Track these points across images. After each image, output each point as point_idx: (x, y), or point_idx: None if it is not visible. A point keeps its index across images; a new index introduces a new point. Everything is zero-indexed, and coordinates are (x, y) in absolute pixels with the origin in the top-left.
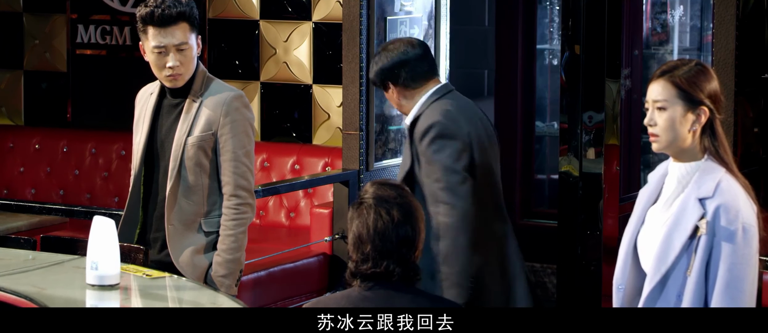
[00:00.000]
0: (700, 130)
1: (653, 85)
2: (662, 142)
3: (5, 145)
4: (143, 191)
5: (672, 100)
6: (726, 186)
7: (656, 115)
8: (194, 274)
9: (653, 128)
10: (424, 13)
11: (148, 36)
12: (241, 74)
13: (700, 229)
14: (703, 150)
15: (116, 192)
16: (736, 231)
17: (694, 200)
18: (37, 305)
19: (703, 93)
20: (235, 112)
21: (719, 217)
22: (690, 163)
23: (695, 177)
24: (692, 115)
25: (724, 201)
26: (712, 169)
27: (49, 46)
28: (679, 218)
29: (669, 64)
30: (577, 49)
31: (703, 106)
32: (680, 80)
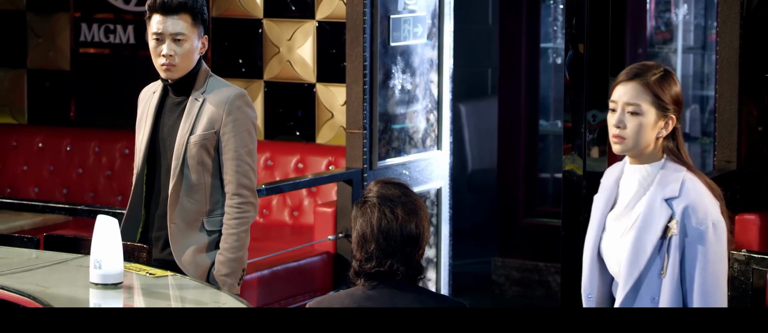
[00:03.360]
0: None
1: (625, 86)
2: (628, 146)
3: (8, 144)
4: (146, 190)
5: (646, 105)
6: (691, 185)
7: (627, 118)
8: (197, 273)
9: (621, 130)
10: (428, 12)
11: (151, 23)
12: (245, 73)
13: (671, 229)
14: (663, 151)
15: (119, 191)
16: (707, 229)
17: (661, 201)
18: (40, 304)
19: (671, 99)
20: (237, 111)
21: (689, 217)
22: (650, 164)
23: (658, 178)
24: (662, 122)
25: (691, 200)
26: (674, 169)
27: (52, 45)
28: (648, 220)
29: (638, 67)
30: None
31: (671, 113)
32: (655, 86)
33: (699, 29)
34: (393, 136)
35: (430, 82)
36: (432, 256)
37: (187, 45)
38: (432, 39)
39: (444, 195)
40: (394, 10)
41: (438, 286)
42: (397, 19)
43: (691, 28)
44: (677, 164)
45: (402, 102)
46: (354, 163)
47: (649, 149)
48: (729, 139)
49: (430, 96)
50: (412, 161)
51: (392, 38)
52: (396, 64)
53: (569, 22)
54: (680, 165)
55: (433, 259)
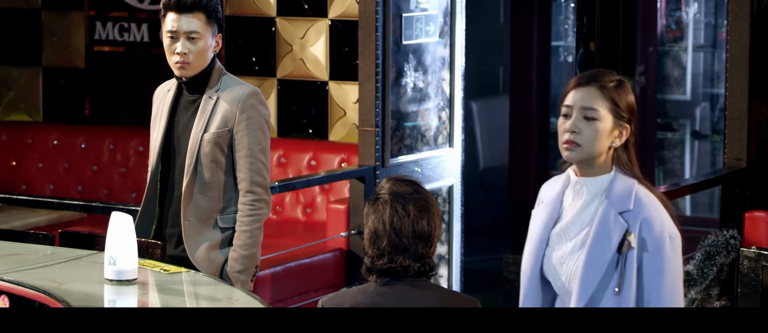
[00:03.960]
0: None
1: (581, 91)
2: (583, 153)
3: (24, 141)
4: (160, 187)
5: (604, 112)
6: (645, 198)
7: (583, 124)
8: (210, 270)
9: (576, 136)
10: (440, 11)
11: (165, 21)
12: (258, 71)
13: (629, 243)
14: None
15: (134, 188)
16: (664, 242)
17: (615, 215)
18: (55, 300)
19: (627, 108)
20: (250, 109)
21: (644, 231)
22: (600, 176)
23: (608, 191)
24: (616, 131)
25: (648, 213)
26: (625, 182)
27: (67, 43)
28: (601, 235)
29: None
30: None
31: (625, 123)
32: (613, 93)
33: (709, 28)
34: (405, 133)
35: (442, 80)
36: (444, 253)
37: (201, 43)
38: (444, 37)
39: (456, 192)
40: (406, 9)
41: (450, 282)
42: (409, 18)
43: (702, 26)
44: (627, 176)
45: (414, 100)
46: (366, 161)
47: (600, 159)
48: (739, 136)
49: (442, 94)
50: (424, 159)
51: (404, 37)
52: (408, 62)
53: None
54: (630, 177)
55: (444, 256)
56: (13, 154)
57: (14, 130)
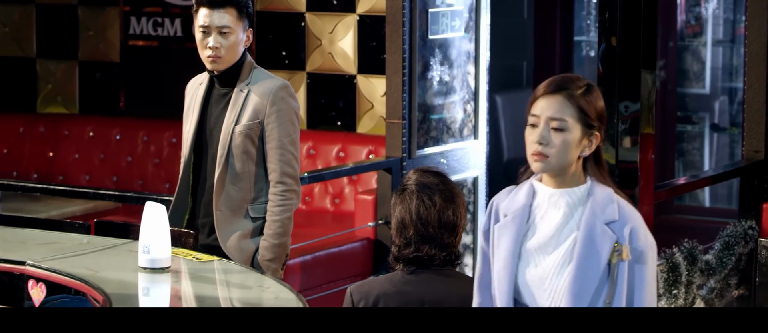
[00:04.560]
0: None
1: (548, 100)
2: (552, 164)
3: (61, 133)
4: (192, 178)
5: (572, 121)
6: (627, 207)
7: (552, 135)
8: (241, 258)
9: (545, 148)
10: (465, 6)
11: (198, 16)
12: (288, 65)
13: (621, 254)
14: (586, 173)
15: (167, 178)
16: (647, 252)
17: (602, 226)
18: (91, 288)
19: (597, 115)
20: (281, 102)
21: (634, 241)
22: (577, 187)
23: (590, 202)
24: (586, 140)
25: (635, 223)
26: (604, 191)
27: (102, 38)
28: (589, 249)
29: (561, 80)
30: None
31: (595, 131)
32: (581, 101)
33: (728, 23)
34: (431, 126)
35: (467, 74)
36: (469, 243)
37: (233, 38)
38: (469, 32)
39: (480, 183)
40: (432, 4)
41: (474, 271)
42: (435, 13)
43: (721, 22)
44: (604, 186)
45: (440, 93)
46: (393, 153)
47: (572, 168)
48: (757, 129)
49: (467, 87)
50: (449, 150)
51: (430, 31)
52: (434, 56)
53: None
54: (606, 185)
55: (469, 246)
56: (50, 145)
57: (51, 122)
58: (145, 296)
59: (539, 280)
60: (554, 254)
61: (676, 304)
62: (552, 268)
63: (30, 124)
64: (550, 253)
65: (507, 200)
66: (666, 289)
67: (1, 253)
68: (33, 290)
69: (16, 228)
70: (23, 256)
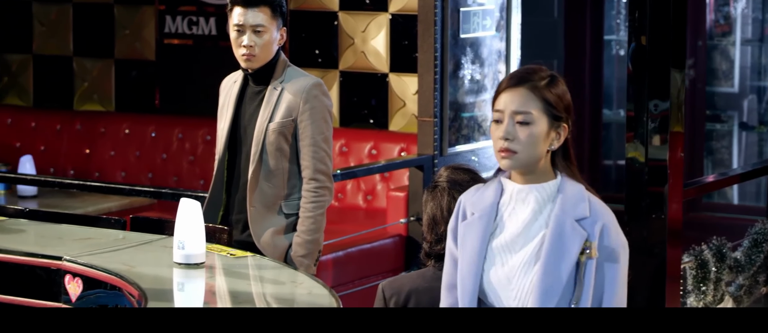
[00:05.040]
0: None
1: (511, 93)
2: (521, 160)
3: (97, 130)
4: (227, 175)
5: (537, 113)
6: (598, 204)
7: (517, 129)
8: (275, 254)
9: (511, 143)
10: (496, 5)
11: (232, 15)
12: (321, 63)
13: (590, 252)
14: (555, 168)
15: (202, 175)
16: (618, 250)
17: (572, 223)
18: (127, 283)
19: (563, 106)
20: (314, 100)
21: (605, 239)
22: (547, 182)
23: (560, 198)
24: (553, 133)
25: (606, 220)
26: (574, 187)
27: (138, 36)
28: (558, 246)
29: (523, 72)
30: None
31: (563, 122)
32: (545, 92)
33: (756, 22)
34: (462, 124)
35: (498, 73)
36: None
37: (267, 36)
38: (500, 31)
39: None
40: (464, 4)
41: None
42: (466, 12)
43: (749, 21)
44: (574, 181)
45: (471, 91)
46: (425, 150)
47: (541, 163)
48: None
49: None
50: (480, 148)
51: (462, 30)
52: (465, 55)
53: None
54: (576, 182)
55: None
56: (86, 142)
57: (88, 119)
58: (179, 292)
59: (506, 279)
60: (521, 252)
61: (704, 301)
62: (519, 267)
63: (67, 121)
64: (517, 252)
65: (472, 197)
66: (694, 286)
67: (39, 248)
68: (70, 285)
69: (53, 224)
70: (60, 251)
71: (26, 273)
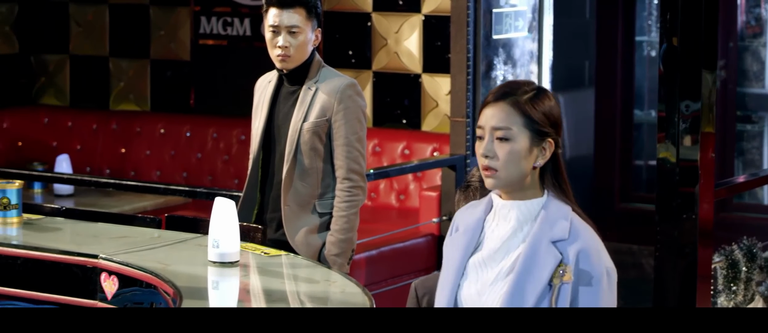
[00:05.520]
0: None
1: (493, 108)
2: (502, 178)
3: (133, 130)
4: (261, 174)
5: (518, 129)
6: (581, 226)
7: (496, 146)
8: (308, 253)
9: (491, 161)
10: (529, 7)
11: (268, 16)
12: (354, 64)
13: (564, 275)
14: (543, 186)
15: (236, 174)
16: (602, 276)
17: (547, 244)
18: (162, 281)
19: (548, 121)
20: (348, 100)
21: (582, 263)
22: (531, 200)
23: (541, 216)
24: (537, 149)
25: (585, 244)
26: (559, 208)
27: (173, 37)
28: (529, 265)
29: (507, 86)
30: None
31: (549, 137)
32: (526, 105)
33: None
34: None
35: (530, 73)
36: None
37: (302, 37)
38: (532, 32)
39: None
40: (496, 5)
41: None
42: (499, 14)
43: None
44: (561, 202)
45: None
46: (457, 150)
47: (526, 182)
48: None
49: None
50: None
51: (494, 31)
52: (498, 56)
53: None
54: (565, 202)
55: None
56: (122, 141)
57: (124, 119)
58: (214, 290)
59: (476, 294)
60: (496, 268)
61: (735, 301)
62: (490, 283)
63: (103, 121)
64: (492, 268)
65: (463, 213)
66: (725, 286)
67: (75, 246)
68: (105, 283)
69: (89, 222)
70: (96, 249)
71: (62, 271)
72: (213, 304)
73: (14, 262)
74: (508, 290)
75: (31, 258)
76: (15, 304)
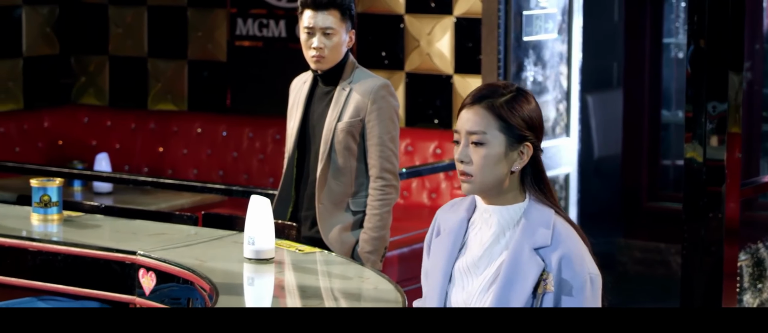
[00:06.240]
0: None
1: (469, 112)
2: (477, 184)
3: (170, 129)
4: (296, 172)
5: (492, 133)
6: (564, 232)
7: (471, 151)
8: (342, 250)
9: (466, 166)
10: (559, 9)
11: (303, 18)
12: (387, 65)
13: (546, 284)
14: (525, 190)
15: (271, 173)
16: (585, 284)
17: (530, 251)
18: (198, 277)
19: (525, 124)
20: (381, 100)
21: (565, 270)
22: (513, 205)
23: (523, 222)
24: (514, 153)
25: (567, 250)
26: (542, 213)
27: (210, 38)
28: (513, 275)
29: (484, 89)
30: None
31: (526, 141)
32: (502, 109)
33: None
34: None
35: (559, 75)
36: None
37: (336, 38)
38: (562, 34)
39: (572, 180)
40: (526, 7)
41: None
42: (529, 16)
43: None
44: (543, 206)
45: (533, 93)
46: None
47: (504, 186)
48: None
49: (560, 87)
50: (542, 148)
51: (525, 33)
52: (528, 57)
53: (691, 19)
54: (547, 206)
55: None
56: (160, 141)
57: (161, 118)
58: (249, 286)
59: (464, 303)
60: (481, 277)
61: (760, 299)
62: (476, 292)
63: (141, 120)
64: (477, 275)
65: (444, 214)
66: (750, 284)
67: (114, 243)
68: (143, 279)
69: (127, 219)
70: (134, 246)
71: (102, 267)
72: (248, 299)
73: (55, 258)
74: (492, 301)
75: (71, 254)
76: (55, 299)
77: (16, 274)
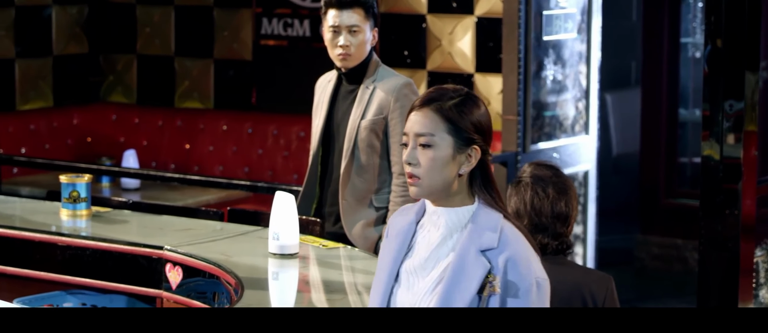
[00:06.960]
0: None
1: (418, 114)
2: (424, 187)
3: (197, 127)
4: (320, 169)
5: (440, 135)
6: (511, 235)
7: (419, 153)
8: (365, 246)
9: (414, 168)
10: (578, 9)
11: (327, 17)
12: (410, 63)
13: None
14: (474, 194)
15: (296, 170)
16: (531, 287)
17: (476, 253)
18: (224, 272)
19: (473, 127)
20: (404, 98)
21: (510, 273)
22: (461, 207)
23: (470, 225)
24: (462, 156)
25: (513, 253)
26: (490, 216)
27: (236, 37)
28: (458, 276)
29: (434, 91)
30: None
31: (474, 144)
32: (450, 112)
33: None
34: (544, 122)
35: (579, 73)
36: (579, 233)
37: (361, 36)
38: (581, 34)
39: (591, 177)
40: (546, 7)
41: (584, 260)
42: (549, 16)
43: None
44: (492, 210)
45: (553, 91)
46: (509, 147)
47: (452, 189)
48: None
49: (579, 86)
50: (562, 146)
51: (545, 33)
52: (548, 56)
53: (708, 19)
54: (496, 210)
55: (580, 236)
56: (186, 138)
57: (188, 116)
58: (274, 280)
59: (410, 304)
60: (427, 278)
61: None
62: (422, 294)
63: (168, 118)
64: (424, 277)
65: (395, 218)
66: (767, 279)
67: (141, 238)
68: (170, 273)
69: (154, 215)
70: (161, 241)
71: (129, 261)
72: (273, 294)
73: (83, 252)
74: (437, 302)
75: (99, 249)
76: (83, 293)
77: (45, 268)
